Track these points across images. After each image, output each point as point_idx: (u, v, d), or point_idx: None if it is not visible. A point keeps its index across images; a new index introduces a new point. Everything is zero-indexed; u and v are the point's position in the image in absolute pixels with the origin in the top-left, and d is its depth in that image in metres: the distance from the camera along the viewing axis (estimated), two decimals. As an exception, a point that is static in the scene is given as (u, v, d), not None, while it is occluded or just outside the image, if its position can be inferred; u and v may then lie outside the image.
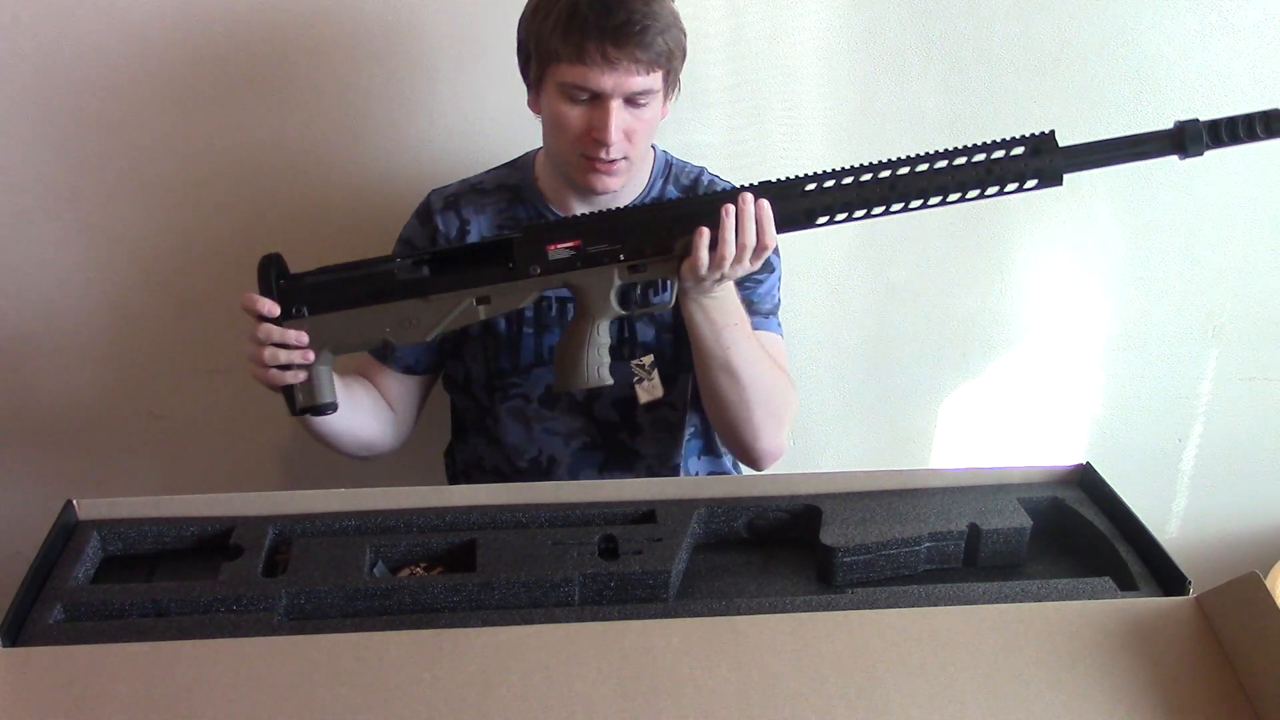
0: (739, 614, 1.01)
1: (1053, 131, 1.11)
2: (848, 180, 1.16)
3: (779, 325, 1.46)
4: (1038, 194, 1.71)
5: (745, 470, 1.50)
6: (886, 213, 1.16)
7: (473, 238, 1.40)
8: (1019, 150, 1.13)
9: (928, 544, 1.12)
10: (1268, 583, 0.95)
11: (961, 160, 1.14)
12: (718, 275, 1.19)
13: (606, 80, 1.24)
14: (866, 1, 1.60)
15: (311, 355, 1.21)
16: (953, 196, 1.15)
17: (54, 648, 0.95)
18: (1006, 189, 1.14)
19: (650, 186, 1.41)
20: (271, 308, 1.20)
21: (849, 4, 1.60)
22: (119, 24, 1.53)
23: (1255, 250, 1.82)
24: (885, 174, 1.15)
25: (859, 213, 1.17)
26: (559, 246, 1.20)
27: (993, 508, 1.15)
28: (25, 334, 1.72)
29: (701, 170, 1.45)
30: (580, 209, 1.37)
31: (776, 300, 1.46)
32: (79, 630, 0.99)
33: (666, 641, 0.96)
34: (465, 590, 1.04)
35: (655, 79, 1.27)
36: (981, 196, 1.15)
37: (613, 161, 1.29)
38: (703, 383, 1.35)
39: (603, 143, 1.27)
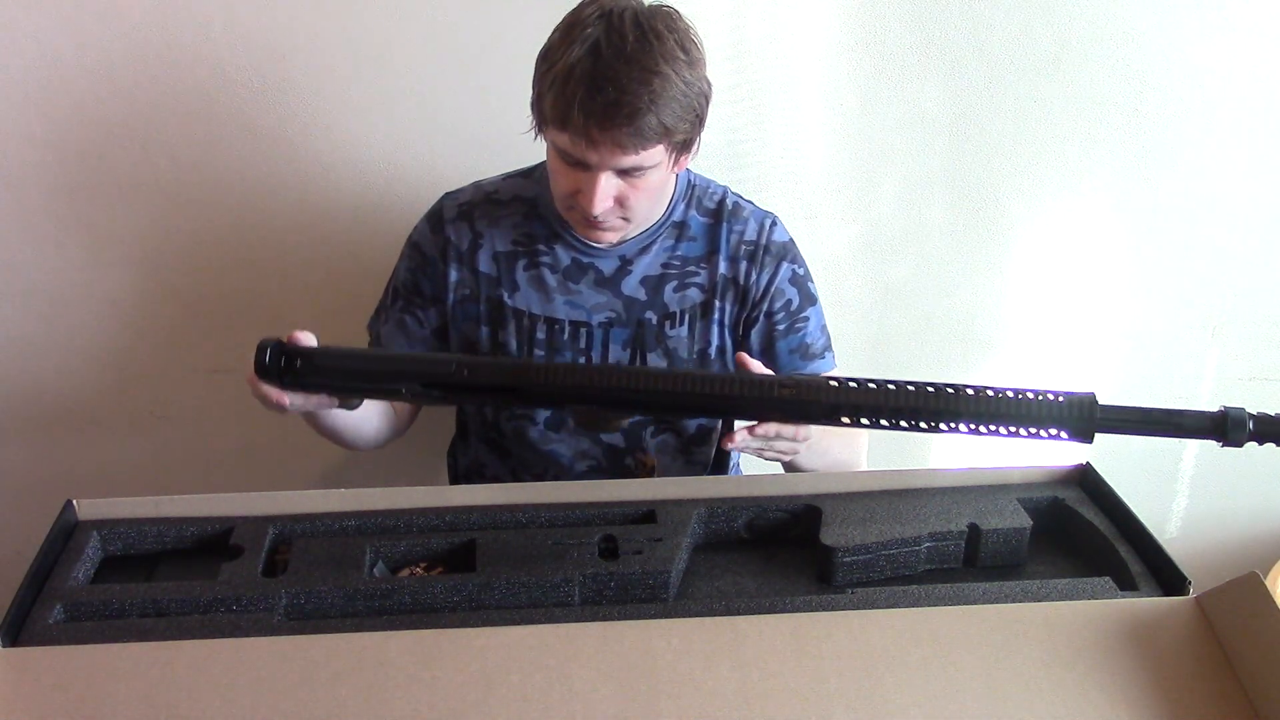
0: (739, 614, 1.01)
1: (1093, 394, 1.01)
2: (885, 387, 1.03)
3: (833, 358, 1.44)
4: (1037, 192, 1.75)
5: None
6: (914, 428, 1.04)
7: (485, 253, 1.37)
8: (1059, 400, 1.02)
9: (928, 544, 1.12)
10: (1268, 583, 0.95)
11: (1000, 395, 1.02)
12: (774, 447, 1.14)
13: (591, 155, 1.18)
14: (866, 2, 1.60)
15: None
16: (984, 428, 1.03)
17: (54, 648, 0.95)
18: (1040, 434, 1.03)
19: (671, 210, 1.37)
20: (279, 398, 1.13)
21: (849, 4, 1.60)
22: (119, 24, 1.53)
23: (1254, 250, 1.82)
24: (922, 390, 1.03)
25: (884, 421, 1.03)
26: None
27: (993, 508, 1.15)
28: (25, 334, 1.72)
29: (725, 192, 1.40)
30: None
31: (827, 335, 1.44)
32: (79, 630, 0.99)
33: (666, 641, 0.95)
34: (465, 590, 1.04)
35: (650, 154, 1.20)
36: (1011, 435, 1.03)
37: (603, 221, 1.26)
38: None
39: (588, 211, 1.24)
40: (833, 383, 1.04)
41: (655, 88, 1.15)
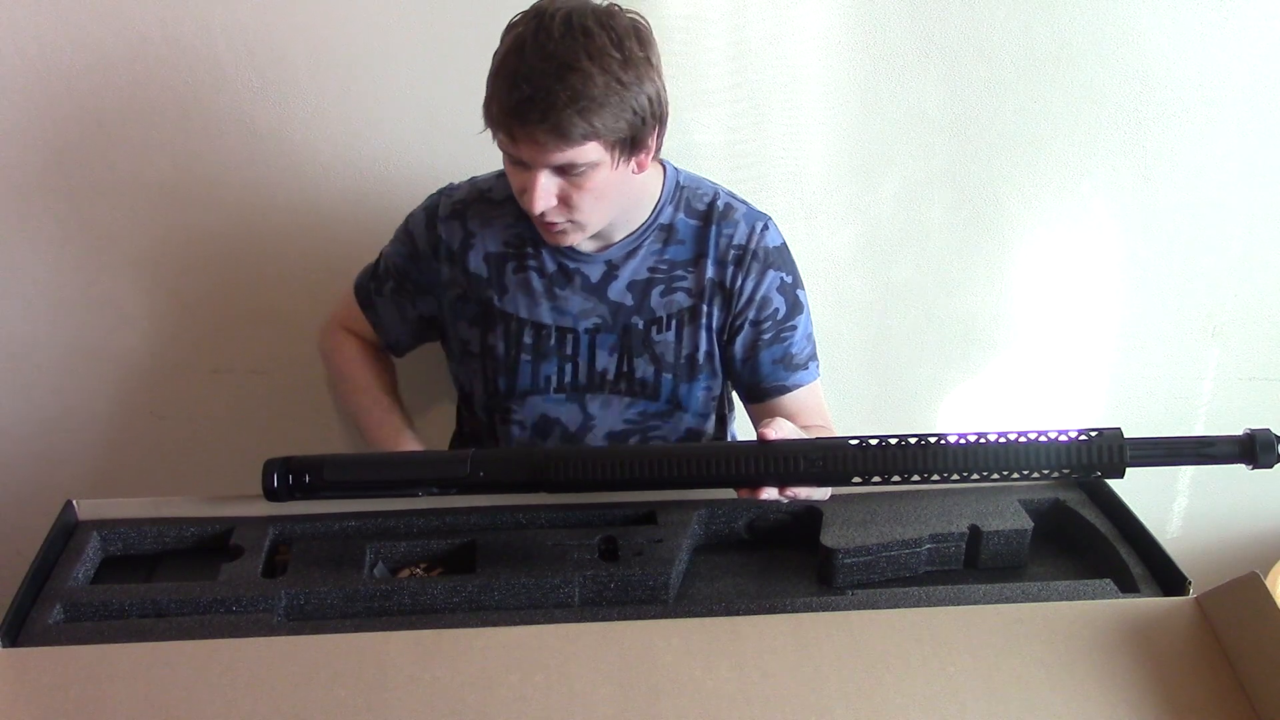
0: (739, 615, 1.01)
1: (1119, 429, 1.05)
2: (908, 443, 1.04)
3: (817, 368, 1.41)
4: (1037, 192, 1.75)
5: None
6: (945, 480, 1.05)
7: (476, 254, 1.35)
8: (1085, 439, 1.05)
9: (928, 545, 1.12)
10: (1268, 583, 0.95)
11: (1032, 442, 1.05)
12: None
13: (521, 152, 1.16)
14: (866, 1, 1.60)
15: None
16: (1018, 474, 1.05)
17: (54, 648, 0.95)
18: (1069, 474, 1.07)
19: (658, 212, 1.33)
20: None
21: (849, 4, 1.60)
22: (119, 24, 1.52)
23: (1255, 250, 1.82)
24: (952, 445, 1.04)
25: (915, 478, 1.04)
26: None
27: (994, 509, 1.15)
28: (25, 334, 1.72)
29: (716, 192, 1.37)
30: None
31: (813, 345, 1.41)
32: (79, 631, 0.99)
33: (666, 642, 0.95)
34: (465, 591, 1.04)
35: (585, 151, 1.15)
36: (1045, 478, 1.11)
37: (553, 222, 1.23)
38: None
39: (529, 209, 1.21)
40: (854, 442, 1.03)
41: (573, 84, 1.11)
